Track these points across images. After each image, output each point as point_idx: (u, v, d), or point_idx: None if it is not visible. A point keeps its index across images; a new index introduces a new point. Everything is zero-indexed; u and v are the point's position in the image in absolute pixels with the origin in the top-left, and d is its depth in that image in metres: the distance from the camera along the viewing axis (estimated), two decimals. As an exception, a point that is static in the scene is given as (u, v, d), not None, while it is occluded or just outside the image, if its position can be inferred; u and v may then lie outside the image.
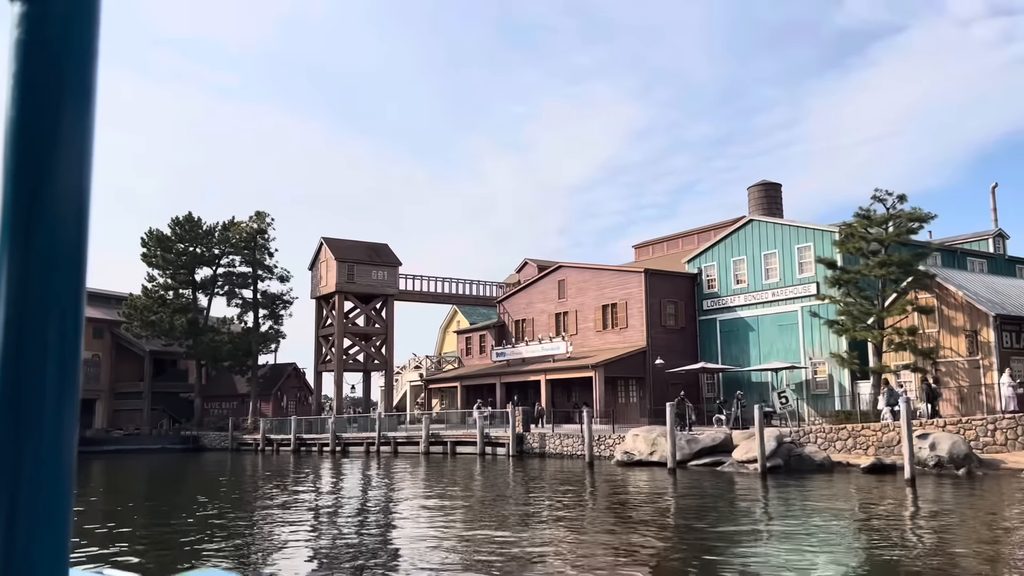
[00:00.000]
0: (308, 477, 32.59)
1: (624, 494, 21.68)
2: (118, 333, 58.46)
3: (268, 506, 22.01)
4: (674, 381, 44.83)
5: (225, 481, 31.46)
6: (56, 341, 0.73)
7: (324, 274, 52.81)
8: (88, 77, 0.76)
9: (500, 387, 50.29)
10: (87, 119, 0.76)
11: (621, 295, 46.72)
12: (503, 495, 22.01)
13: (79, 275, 0.75)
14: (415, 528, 16.35)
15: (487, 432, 38.49)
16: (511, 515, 17.86)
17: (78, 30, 0.75)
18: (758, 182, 50.48)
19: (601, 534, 15.09)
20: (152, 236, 53.51)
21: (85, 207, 0.76)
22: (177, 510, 21.32)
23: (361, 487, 27.08)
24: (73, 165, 0.75)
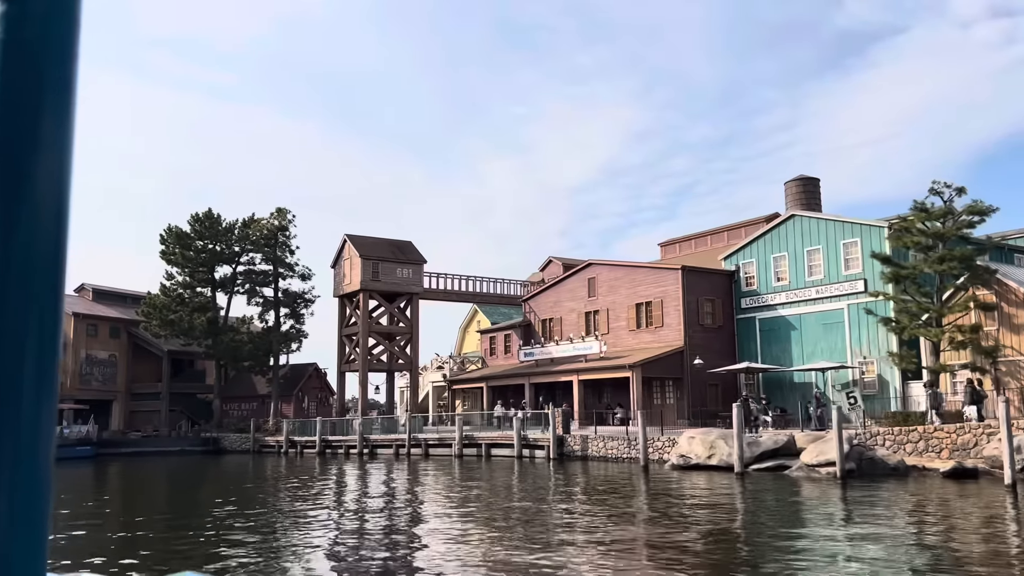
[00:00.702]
0: (337, 481, 31.26)
1: (695, 502, 20.29)
2: (135, 332, 57.19)
3: (298, 512, 20.66)
4: (712, 382, 43.55)
5: (251, 487, 30.15)
6: (35, 344, 0.70)
7: (348, 272, 51.48)
8: (68, 77, 0.74)
9: (529, 388, 48.94)
10: (67, 120, 0.74)
11: (656, 293, 45.34)
12: (555, 503, 20.62)
13: (58, 277, 0.73)
14: (462, 546, 14.89)
15: (524, 434, 37.10)
16: (570, 526, 16.49)
17: (58, 30, 0.74)
18: (795, 177, 49.05)
19: (700, 556, 13.70)
20: (171, 233, 52.21)
21: (65, 208, 0.74)
22: (202, 517, 19.98)
23: (393, 493, 25.67)
24: (53, 166, 0.73)
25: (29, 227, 0.71)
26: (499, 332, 57.78)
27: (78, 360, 54.23)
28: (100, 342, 55.71)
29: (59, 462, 34.16)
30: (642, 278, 46.41)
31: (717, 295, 45.10)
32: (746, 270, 45.05)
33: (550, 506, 19.79)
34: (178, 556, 14.46)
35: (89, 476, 38.81)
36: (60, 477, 39.00)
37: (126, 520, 20.55)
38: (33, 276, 0.71)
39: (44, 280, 0.72)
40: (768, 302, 43.60)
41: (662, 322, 44.81)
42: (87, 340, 54.87)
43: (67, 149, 0.74)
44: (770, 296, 43.52)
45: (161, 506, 24.40)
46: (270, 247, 54.18)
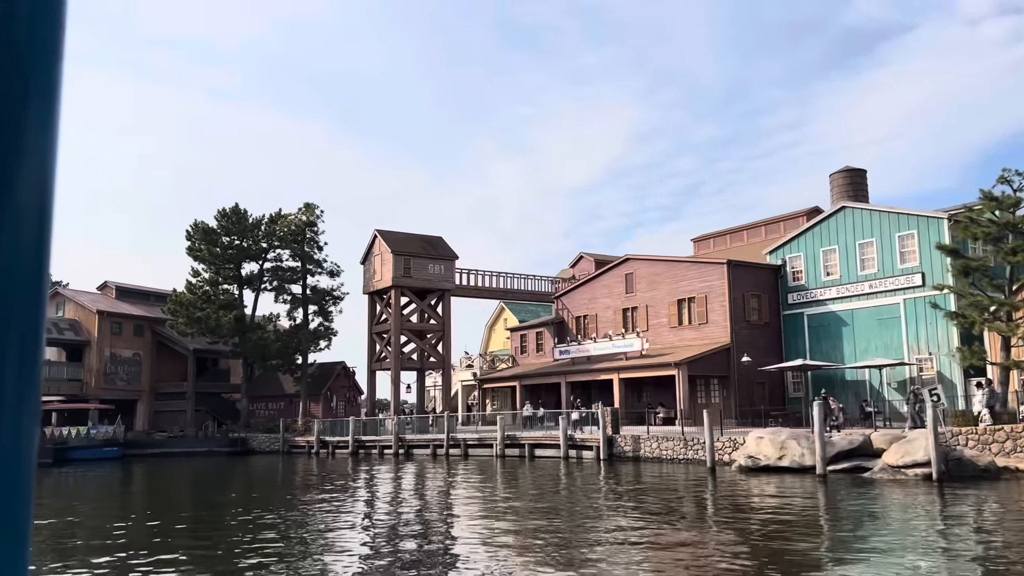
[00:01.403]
0: (376, 484, 29.96)
1: (794, 511, 18.87)
2: (159, 331, 56.07)
3: (341, 518, 19.37)
4: (759, 380, 42.14)
5: (289, 490, 28.87)
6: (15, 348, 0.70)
7: (379, 268, 50.23)
8: (53, 81, 0.73)
9: (565, 386, 47.57)
10: (51, 123, 0.73)
11: (700, 288, 43.92)
12: (629, 512, 19.24)
13: (40, 281, 0.72)
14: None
15: (571, 434, 35.74)
16: (670, 546, 15.11)
17: (44, 33, 0.73)
18: (841, 168, 47.60)
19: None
20: (198, 229, 51.04)
21: (48, 212, 0.73)
22: (240, 523, 18.69)
23: (437, 498, 24.33)
24: (36, 170, 0.72)
25: (11, 230, 0.70)
26: (530, 330, 56.42)
27: (102, 359, 53.14)
28: (124, 341, 54.58)
29: (86, 463, 32.97)
30: (684, 273, 45.00)
31: (763, 290, 43.67)
32: (793, 264, 43.59)
33: (622, 515, 18.41)
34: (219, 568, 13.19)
35: (117, 478, 37.64)
36: (88, 479, 37.90)
37: (161, 524, 19.30)
38: (14, 280, 0.70)
39: (26, 284, 0.71)
40: (817, 297, 42.14)
41: (706, 318, 43.38)
42: (111, 339, 53.77)
43: (51, 153, 0.73)
44: (819, 291, 42.05)
45: (197, 510, 23.13)
46: (298, 243, 52.96)
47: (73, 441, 44.31)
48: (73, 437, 44.51)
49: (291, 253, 53.49)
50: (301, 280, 53.51)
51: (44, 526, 18.67)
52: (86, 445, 44.86)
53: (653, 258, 47.93)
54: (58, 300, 55.13)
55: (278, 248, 53.40)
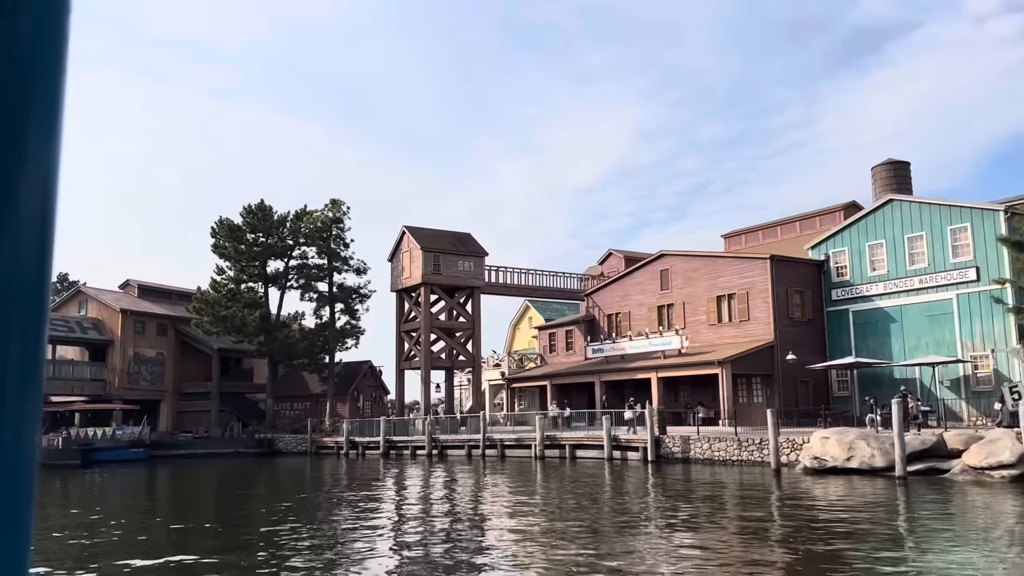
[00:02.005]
0: (413, 486, 28.85)
1: (875, 520, 17.65)
2: (182, 330, 55.15)
3: (378, 521, 18.25)
4: (802, 379, 40.93)
5: (328, 498, 27.80)
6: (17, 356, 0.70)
7: (407, 265, 49.17)
8: (55, 94, 0.74)
9: (599, 386, 46.41)
10: (54, 136, 0.74)
11: (741, 284, 42.72)
12: (688, 523, 18.03)
13: (42, 289, 0.73)
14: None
15: (615, 434, 34.59)
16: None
17: (47, 48, 0.73)
18: (883, 161, 46.34)
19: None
20: (223, 225, 50.08)
21: (51, 222, 0.74)
22: (278, 533, 17.61)
23: (477, 501, 23.20)
24: (39, 181, 0.73)
25: (13, 241, 0.71)
26: (559, 328, 55.29)
27: (126, 359, 52.23)
28: (148, 340, 53.66)
29: (112, 464, 31.89)
30: (724, 269, 43.80)
31: (806, 286, 42.44)
32: (836, 260, 42.32)
33: (695, 526, 17.23)
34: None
35: (147, 480, 36.67)
36: (116, 481, 36.95)
37: (200, 530, 18.24)
38: (16, 288, 0.71)
39: (28, 292, 0.72)
40: (863, 293, 40.87)
41: (748, 315, 42.18)
42: (135, 338, 52.86)
43: (53, 165, 0.74)
44: (865, 287, 40.77)
45: (234, 515, 22.06)
46: (324, 240, 51.96)
47: (99, 442, 43.37)
48: (99, 438, 43.57)
49: (317, 250, 52.49)
50: (327, 278, 52.50)
51: (77, 532, 17.65)
52: (112, 446, 43.94)
53: (690, 253, 46.74)
54: (80, 299, 54.29)
55: (303, 245, 52.44)
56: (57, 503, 25.87)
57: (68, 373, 49.70)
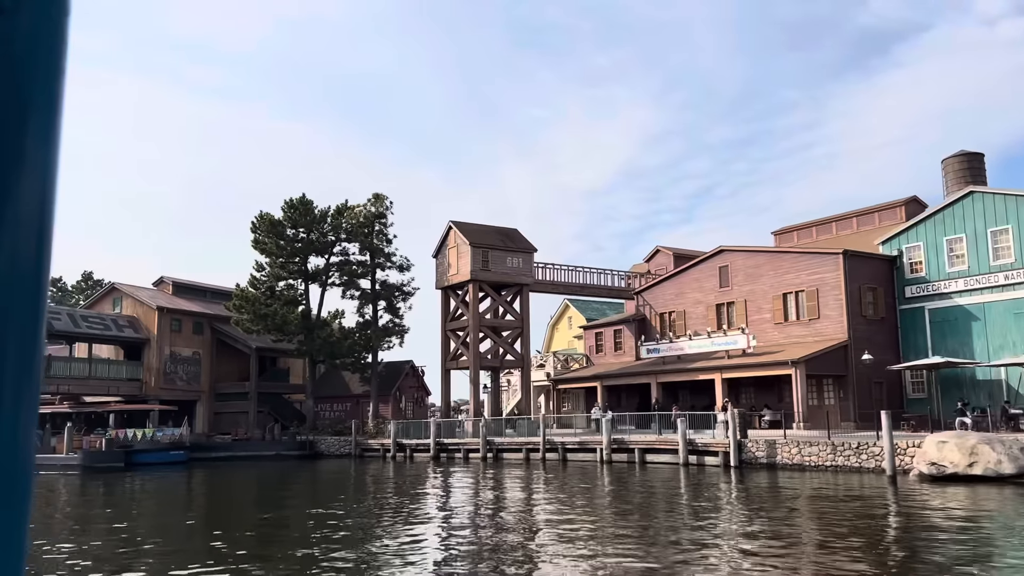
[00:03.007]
0: (473, 492, 27.03)
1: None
2: (219, 328, 53.56)
3: (448, 533, 16.42)
4: (876, 380, 38.98)
5: (395, 504, 26.00)
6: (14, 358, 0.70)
7: (454, 261, 47.39)
8: (54, 95, 0.74)
9: (656, 387, 44.55)
10: (52, 137, 0.74)
11: (809, 281, 40.79)
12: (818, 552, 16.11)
13: (39, 292, 0.73)
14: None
15: (691, 438, 32.71)
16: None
17: (45, 48, 0.73)
18: (955, 152, 44.31)
19: None
20: (263, 220, 48.44)
21: (48, 225, 0.74)
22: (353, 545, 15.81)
23: (546, 509, 21.37)
24: (36, 183, 0.73)
25: (11, 241, 0.71)
26: (607, 328, 53.44)
27: (162, 358, 50.65)
28: (184, 339, 52.07)
29: (152, 467, 30.05)
30: (791, 265, 41.88)
31: (878, 283, 40.50)
32: (910, 255, 40.35)
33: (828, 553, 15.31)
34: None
35: (192, 484, 35.02)
36: (161, 485, 35.29)
37: (271, 544, 16.47)
38: (14, 288, 0.71)
39: (25, 292, 0.72)
40: (941, 290, 38.88)
41: (818, 313, 40.24)
42: (171, 336, 51.29)
43: (51, 166, 0.74)
44: (943, 283, 38.78)
45: (305, 525, 20.28)
46: (365, 236, 50.27)
47: (138, 444, 41.75)
48: (139, 439, 41.95)
49: (359, 246, 50.81)
50: (370, 275, 50.80)
51: (136, 545, 15.93)
52: (151, 448, 42.31)
53: (753, 249, 44.84)
54: (115, 296, 52.77)
55: (344, 241, 50.77)
56: (114, 508, 24.23)
57: (104, 373, 48.17)
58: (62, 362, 46.33)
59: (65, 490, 31.29)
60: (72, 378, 46.25)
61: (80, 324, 47.13)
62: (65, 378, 45.83)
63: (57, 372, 45.33)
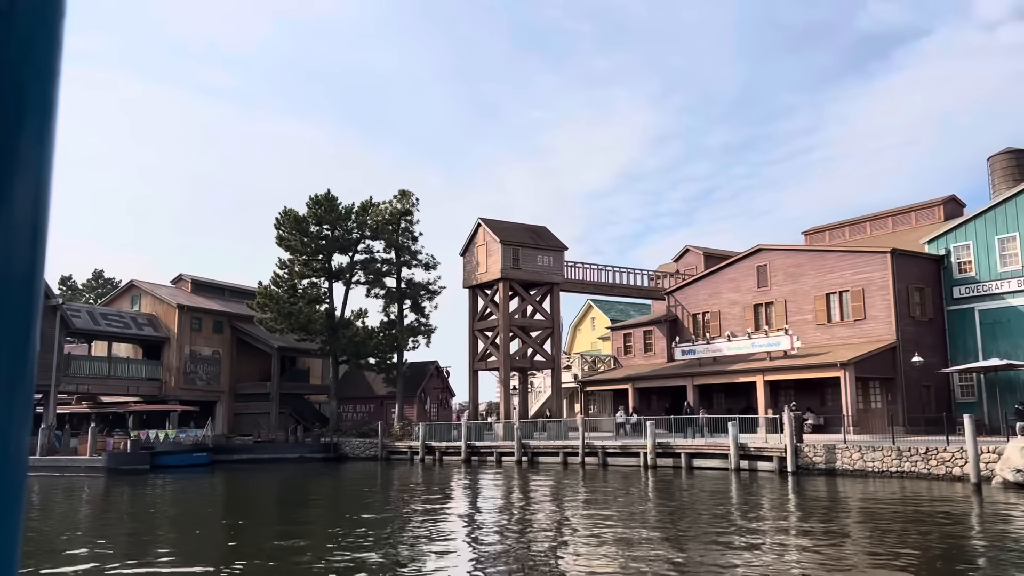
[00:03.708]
0: (519, 500, 25.79)
1: None
2: (239, 327, 52.35)
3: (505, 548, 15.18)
4: (924, 383, 37.75)
5: (438, 512, 24.75)
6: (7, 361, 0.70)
7: (483, 259, 46.17)
8: (49, 98, 0.74)
9: (692, 389, 43.33)
10: (47, 139, 0.74)
11: (854, 281, 39.57)
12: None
13: (33, 294, 0.73)
14: None
15: (743, 443, 31.47)
16: None
17: (40, 52, 0.74)
18: (1002, 150, 43.18)
19: None
20: (288, 216, 47.24)
21: (43, 227, 0.74)
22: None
23: (593, 518, 20.12)
24: (31, 185, 0.73)
25: (3, 244, 0.70)
26: (636, 328, 52.20)
27: (182, 357, 49.42)
28: (204, 337, 50.85)
29: (175, 470, 28.71)
30: (834, 264, 40.65)
31: (926, 283, 39.27)
32: (959, 255, 39.10)
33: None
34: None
35: (223, 488, 33.80)
36: (186, 489, 34.05)
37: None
38: (7, 290, 0.71)
39: (19, 293, 0.71)
40: (992, 291, 37.63)
41: (863, 314, 39.01)
42: (191, 335, 50.06)
43: (46, 168, 0.74)
44: (995, 283, 37.54)
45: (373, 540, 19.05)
46: (391, 234, 49.05)
47: (160, 446, 40.51)
48: (161, 441, 40.72)
49: (384, 244, 49.58)
50: (396, 273, 49.58)
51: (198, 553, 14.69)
52: (174, 450, 41.07)
53: (793, 248, 43.66)
54: (133, 294, 51.57)
55: (369, 239, 49.55)
56: (157, 514, 23.01)
57: (124, 372, 46.94)
58: (82, 361, 45.12)
59: (95, 493, 30.09)
60: (92, 377, 45.02)
61: (100, 322, 45.89)
62: (84, 377, 44.61)
63: (77, 371, 44.12)
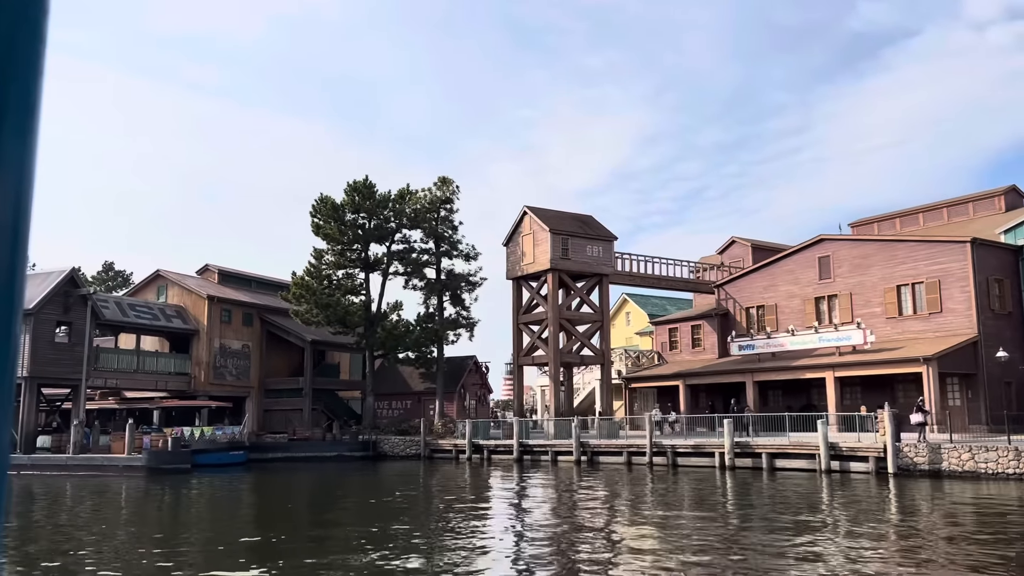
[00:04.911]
0: (605, 508, 23.78)
1: None
2: (269, 320, 50.19)
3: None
4: (1006, 379, 35.92)
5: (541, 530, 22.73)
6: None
7: (529, 249, 44.10)
8: (32, 95, 0.74)
9: (752, 386, 41.42)
10: (29, 137, 0.74)
11: (929, 272, 37.66)
12: None
13: (14, 289, 0.72)
14: None
15: (834, 442, 29.50)
16: None
17: (23, 49, 0.73)
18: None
19: None
20: (325, 203, 45.09)
21: (25, 225, 0.74)
22: None
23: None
24: (12, 183, 0.72)
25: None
26: (683, 323, 50.26)
27: (211, 351, 47.22)
28: (234, 330, 48.64)
29: (211, 469, 26.47)
30: (907, 254, 38.73)
31: (1004, 274, 37.44)
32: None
33: None
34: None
35: (269, 489, 31.71)
36: (235, 490, 31.97)
37: None
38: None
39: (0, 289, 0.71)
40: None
41: (939, 307, 37.13)
42: (221, 327, 47.86)
43: (28, 166, 0.74)
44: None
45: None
46: (430, 223, 46.94)
47: (195, 444, 38.36)
48: (196, 439, 38.57)
49: (423, 233, 47.48)
50: (435, 264, 47.48)
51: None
52: (210, 449, 38.95)
53: (860, 238, 41.79)
54: (159, 284, 49.31)
55: (406, 228, 47.42)
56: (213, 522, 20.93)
57: (152, 366, 44.72)
58: (110, 354, 42.90)
59: (155, 495, 28.01)
60: (120, 372, 42.81)
61: (128, 313, 43.66)
62: (113, 372, 42.40)
63: (105, 365, 41.92)
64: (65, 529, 19.60)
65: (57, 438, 38.19)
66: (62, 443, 37.43)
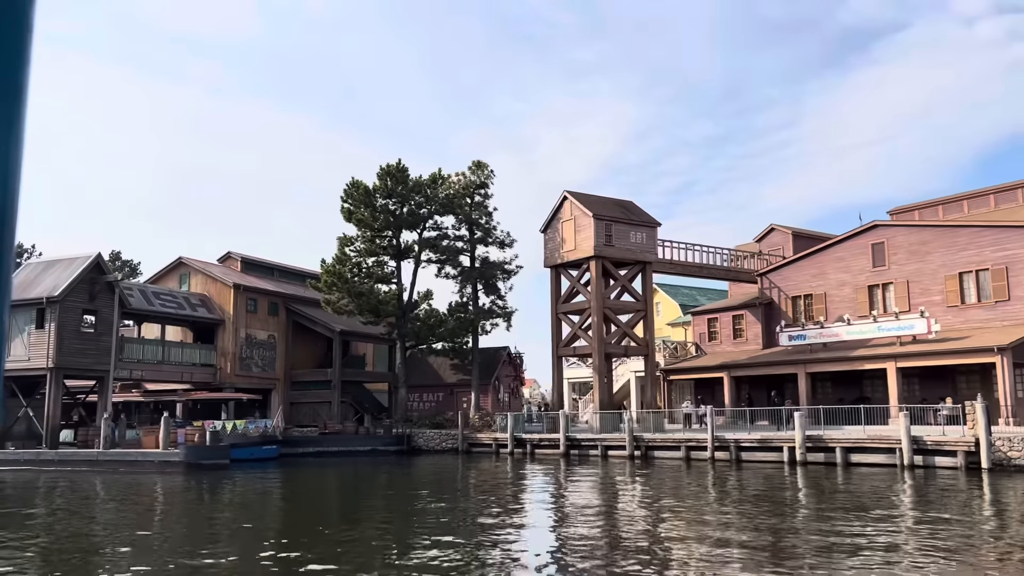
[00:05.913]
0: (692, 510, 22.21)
1: None
2: (294, 309, 48.44)
3: None
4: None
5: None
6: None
7: (570, 236, 42.41)
8: (18, 86, 0.74)
9: (804, 378, 39.89)
10: (16, 126, 0.74)
11: (996, 258, 36.17)
12: None
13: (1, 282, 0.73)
14: None
15: (916, 435, 27.98)
16: None
17: (10, 39, 0.73)
18: None
19: None
20: (356, 187, 43.32)
21: (11, 214, 0.73)
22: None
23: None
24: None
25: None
26: (724, 313, 48.70)
27: (238, 341, 45.47)
28: (259, 320, 46.88)
29: (244, 464, 24.64)
30: (970, 240, 37.22)
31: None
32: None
33: None
34: None
35: (317, 486, 30.07)
36: (283, 487, 30.30)
37: None
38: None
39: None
40: None
41: (1007, 294, 35.65)
42: (247, 317, 46.09)
43: (15, 155, 0.73)
44: None
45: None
46: (464, 209, 45.23)
47: (227, 438, 36.65)
48: (228, 432, 36.86)
49: (456, 220, 45.77)
50: (470, 251, 45.79)
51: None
52: (243, 443, 37.26)
53: (917, 224, 40.22)
54: (182, 272, 47.51)
55: (439, 214, 45.71)
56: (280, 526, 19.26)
57: (177, 357, 42.94)
58: (135, 344, 41.12)
59: (210, 494, 26.33)
60: (144, 363, 41.02)
61: (153, 302, 41.86)
62: (137, 363, 40.62)
63: (129, 355, 40.14)
64: (149, 539, 17.93)
65: (83, 432, 36.46)
66: (88, 437, 35.68)
